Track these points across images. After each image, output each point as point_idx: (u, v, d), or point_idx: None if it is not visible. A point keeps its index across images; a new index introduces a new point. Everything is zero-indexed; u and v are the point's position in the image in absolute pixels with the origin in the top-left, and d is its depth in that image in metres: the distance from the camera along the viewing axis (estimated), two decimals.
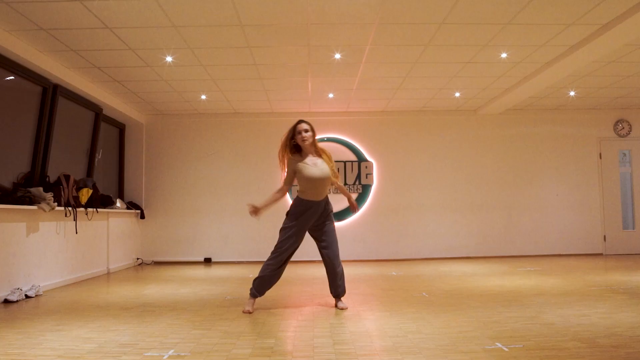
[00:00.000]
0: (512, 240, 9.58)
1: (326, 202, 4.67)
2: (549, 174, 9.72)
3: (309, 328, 3.84)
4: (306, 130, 4.54)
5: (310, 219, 4.57)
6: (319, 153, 4.66)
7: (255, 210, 4.56)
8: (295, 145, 4.62)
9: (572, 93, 8.39)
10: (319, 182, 4.52)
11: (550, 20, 5.35)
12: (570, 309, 4.37)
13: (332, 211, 4.74)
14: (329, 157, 4.68)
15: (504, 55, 6.40)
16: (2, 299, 5.21)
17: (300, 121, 4.60)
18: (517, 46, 6.12)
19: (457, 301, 4.88)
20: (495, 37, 5.82)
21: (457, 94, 8.38)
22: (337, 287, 4.67)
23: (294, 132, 4.58)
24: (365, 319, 4.17)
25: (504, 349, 3.14)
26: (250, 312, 4.44)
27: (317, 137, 9.35)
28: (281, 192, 4.64)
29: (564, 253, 9.52)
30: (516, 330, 3.64)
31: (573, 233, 9.59)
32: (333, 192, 9.47)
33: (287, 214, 4.64)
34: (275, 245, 4.59)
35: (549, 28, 5.56)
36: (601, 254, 9.48)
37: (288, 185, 4.66)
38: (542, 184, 9.70)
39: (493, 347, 3.19)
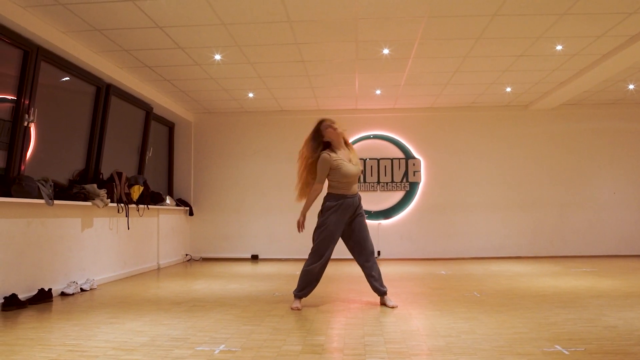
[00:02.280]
0: (564, 240, 9.25)
1: (359, 197, 4.63)
2: (605, 172, 9.33)
3: (358, 326, 3.79)
4: (334, 123, 4.51)
5: (345, 213, 4.49)
6: (349, 147, 4.65)
7: (301, 224, 4.56)
8: (324, 143, 4.55)
9: (631, 86, 8.02)
10: (353, 179, 4.52)
11: (610, 9, 5.11)
12: (632, 312, 4.15)
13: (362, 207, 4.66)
14: (355, 153, 4.69)
15: (558, 47, 6.17)
16: (60, 292, 5.38)
17: (323, 119, 4.56)
18: (573, 37, 5.88)
19: (510, 301, 4.72)
20: (550, 29, 5.61)
21: (508, 89, 8.14)
22: (377, 283, 4.61)
23: (319, 130, 4.51)
24: (416, 318, 4.09)
25: (564, 352, 3.01)
26: (299, 309, 4.42)
27: (364, 134, 9.38)
28: (317, 191, 4.54)
29: (621, 254, 9.12)
30: (575, 332, 3.48)
31: (631, 233, 9.17)
32: (380, 190, 9.40)
33: (322, 211, 4.55)
34: (313, 248, 4.50)
35: (608, 17, 5.32)
36: None
37: (322, 183, 4.54)
38: (597, 182, 9.33)
39: (552, 349, 3.06)
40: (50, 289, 5.08)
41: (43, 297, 4.91)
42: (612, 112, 9.33)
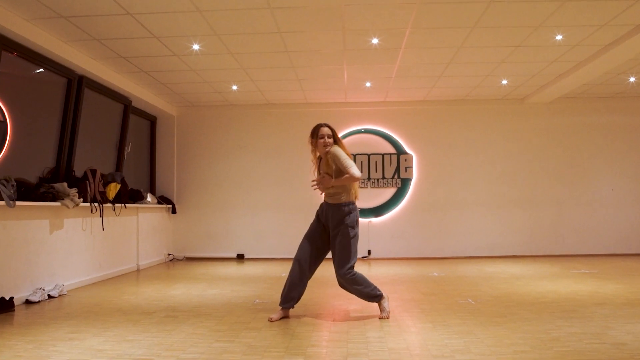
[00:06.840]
0: (562, 238, 8.93)
1: (332, 209, 4.15)
2: (604, 167, 9.02)
3: (342, 342, 3.44)
4: (329, 136, 4.22)
5: (322, 221, 4.27)
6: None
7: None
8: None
9: (632, 79, 7.68)
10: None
11: None
12: None
13: (343, 222, 4.09)
14: (333, 157, 4.13)
15: (559, 37, 5.81)
16: (24, 300, 5.00)
17: (322, 125, 4.29)
18: (575, 27, 5.52)
19: (507, 311, 4.39)
20: (550, 17, 5.24)
21: (504, 82, 7.79)
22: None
23: (314, 134, 4.29)
24: (406, 331, 3.74)
25: None
26: (272, 320, 4.09)
27: (354, 128, 9.00)
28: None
29: (620, 253, 8.82)
30: (581, 351, 3.14)
31: (631, 231, 8.87)
32: (370, 187, 9.04)
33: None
34: None
35: (613, 5, 4.96)
36: None
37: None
38: (595, 178, 9.01)
39: None
40: (11, 298, 4.68)
41: (3, 307, 4.53)
42: (612, 105, 9.00)
